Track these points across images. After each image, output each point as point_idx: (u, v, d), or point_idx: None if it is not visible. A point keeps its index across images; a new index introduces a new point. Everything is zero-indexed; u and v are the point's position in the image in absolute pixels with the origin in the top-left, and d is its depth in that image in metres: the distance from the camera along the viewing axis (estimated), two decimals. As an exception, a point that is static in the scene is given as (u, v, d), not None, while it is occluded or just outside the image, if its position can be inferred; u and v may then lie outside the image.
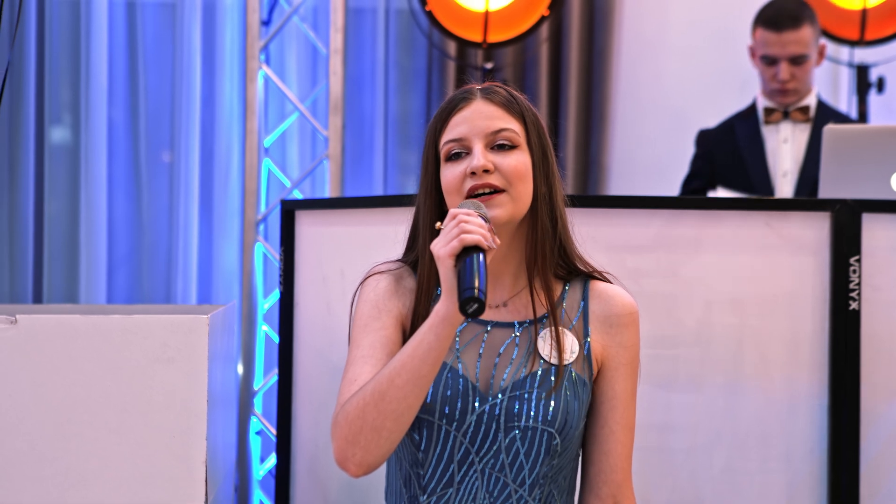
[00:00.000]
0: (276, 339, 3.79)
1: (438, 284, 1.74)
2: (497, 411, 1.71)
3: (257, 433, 3.95)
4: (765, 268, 2.34)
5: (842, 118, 3.67)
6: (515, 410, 1.71)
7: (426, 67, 4.49)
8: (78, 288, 4.24)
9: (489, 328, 1.77)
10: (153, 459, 2.02)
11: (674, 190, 3.85)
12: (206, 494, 2.04)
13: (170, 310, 2.81)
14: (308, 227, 2.75)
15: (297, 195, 4.08)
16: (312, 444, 2.72)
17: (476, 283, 1.53)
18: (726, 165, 3.66)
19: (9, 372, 2.00)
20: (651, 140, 4.50)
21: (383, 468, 1.89)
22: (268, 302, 4.03)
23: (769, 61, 3.56)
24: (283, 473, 2.78)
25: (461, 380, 1.72)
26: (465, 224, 1.60)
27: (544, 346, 1.74)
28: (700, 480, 2.35)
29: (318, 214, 2.73)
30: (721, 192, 3.39)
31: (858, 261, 2.32)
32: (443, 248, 1.59)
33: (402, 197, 2.59)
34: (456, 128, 1.75)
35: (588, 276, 1.83)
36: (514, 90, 1.82)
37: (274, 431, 3.77)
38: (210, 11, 4.35)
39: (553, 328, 1.75)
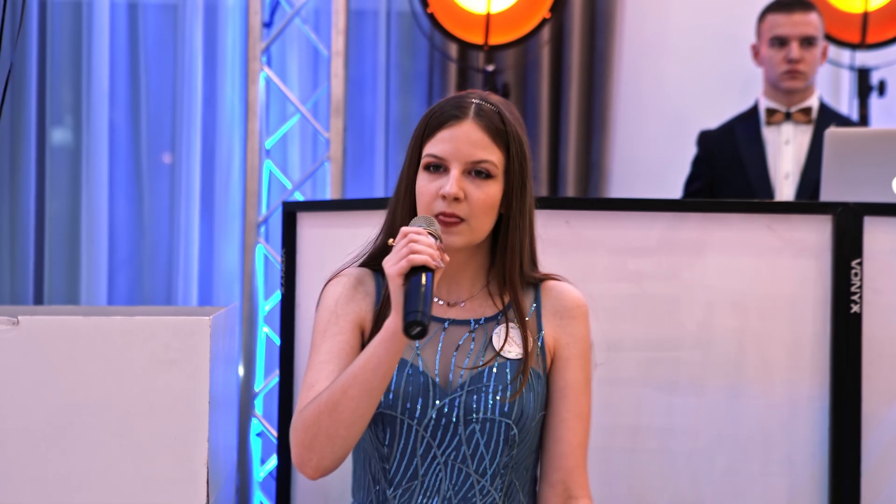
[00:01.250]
0: (277, 340, 3.79)
1: None
2: (456, 405, 1.78)
3: (258, 435, 3.95)
4: (766, 271, 2.35)
5: (843, 121, 3.67)
6: (474, 404, 1.78)
7: (427, 70, 4.49)
8: (79, 289, 4.24)
9: (446, 325, 1.84)
10: (154, 461, 2.02)
11: (675, 193, 3.85)
12: (208, 496, 2.04)
13: (171, 311, 2.81)
14: (309, 228, 2.75)
15: (299, 197, 4.08)
16: (313, 446, 2.71)
17: (419, 307, 1.58)
18: (726, 166, 3.67)
19: (10, 373, 2.00)
20: (652, 143, 4.50)
21: (348, 464, 1.92)
22: (269, 304, 4.03)
23: (780, 42, 3.59)
24: (283, 475, 2.77)
25: (421, 376, 1.79)
26: (413, 244, 1.65)
27: (499, 341, 1.82)
28: (701, 483, 2.35)
29: (320, 216, 2.74)
30: None
31: (860, 264, 2.32)
32: (392, 266, 1.65)
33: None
34: (440, 144, 1.81)
35: (540, 280, 1.90)
36: (507, 110, 1.84)
37: (275, 433, 3.77)
38: (211, 13, 4.35)
39: (520, 321, 1.82)
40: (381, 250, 1.86)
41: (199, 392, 2.03)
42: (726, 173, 3.66)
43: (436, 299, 1.85)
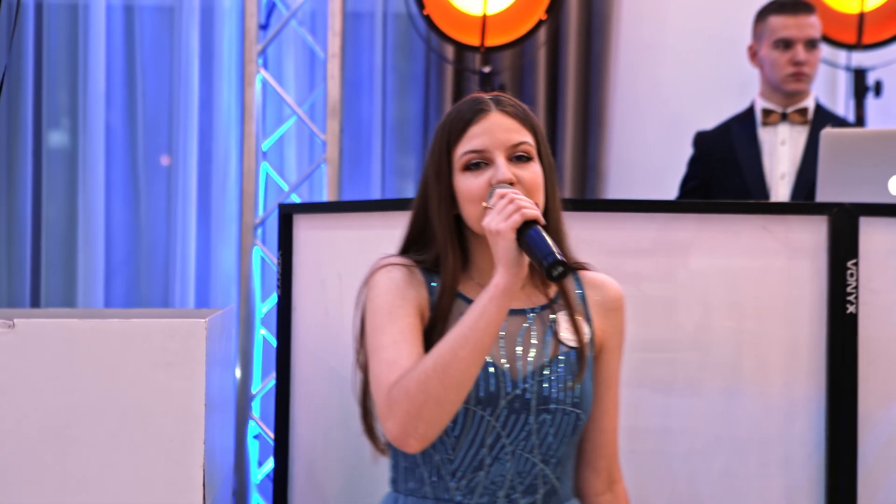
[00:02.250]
0: (273, 342, 3.79)
1: (459, 279, 1.82)
2: (528, 395, 1.78)
3: (255, 437, 3.95)
4: (762, 272, 2.35)
5: (839, 121, 3.68)
6: (545, 394, 1.79)
7: (424, 71, 4.49)
8: (76, 292, 4.24)
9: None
10: (151, 463, 2.02)
11: (672, 194, 3.85)
12: (204, 498, 2.04)
13: (168, 314, 2.81)
14: (306, 230, 2.75)
15: (295, 199, 4.08)
16: (310, 448, 2.72)
17: (553, 249, 1.64)
18: (722, 167, 3.67)
19: (7, 376, 2.00)
20: (649, 144, 4.51)
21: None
22: (266, 306, 4.03)
23: (785, 45, 3.58)
24: (281, 477, 2.77)
25: (490, 366, 1.79)
26: (520, 201, 1.69)
27: (560, 329, 1.84)
28: (699, 485, 2.35)
29: (316, 218, 2.73)
30: None
31: (856, 264, 2.32)
32: (502, 222, 1.67)
33: (400, 201, 2.59)
34: (475, 139, 1.82)
35: (576, 269, 1.93)
36: (518, 101, 1.89)
37: (272, 435, 3.77)
38: (208, 15, 4.35)
39: (569, 312, 1.85)
40: (409, 244, 1.89)
41: (195, 394, 2.03)
42: (722, 174, 3.66)
43: None
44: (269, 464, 3.92)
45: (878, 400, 2.35)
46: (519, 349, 1.82)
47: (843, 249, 2.32)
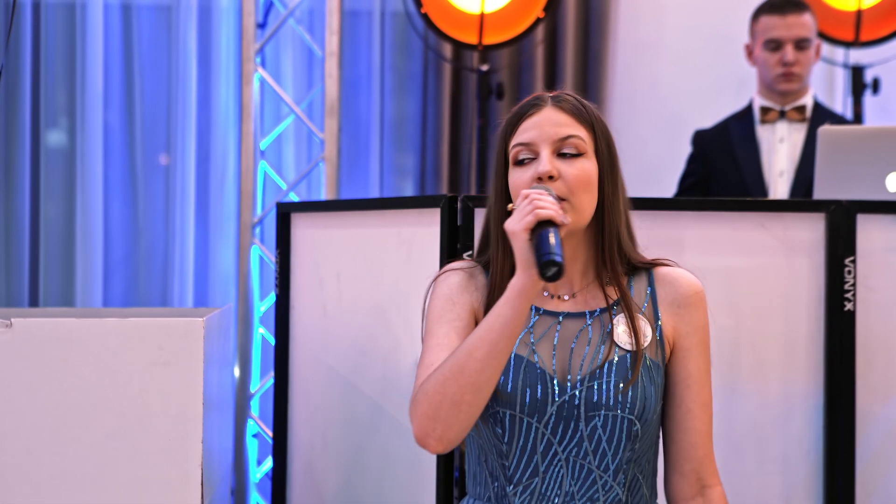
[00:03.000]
0: (272, 341, 3.79)
1: (510, 277, 1.79)
2: (577, 401, 1.75)
3: (254, 436, 3.95)
4: (760, 269, 2.35)
5: (837, 119, 3.68)
6: (594, 399, 1.75)
7: (422, 70, 4.49)
8: (74, 291, 4.24)
9: (561, 319, 1.81)
10: (149, 463, 2.02)
11: (670, 192, 3.85)
12: (202, 498, 2.04)
13: (165, 313, 2.81)
14: (304, 229, 2.75)
15: (293, 198, 4.08)
16: (309, 447, 2.72)
17: (552, 249, 1.61)
18: (720, 165, 3.67)
19: (4, 375, 2.00)
20: (646, 142, 4.51)
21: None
22: (264, 305, 4.03)
23: (774, 45, 3.58)
24: (279, 476, 2.78)
25: (539, 372, 1.76)
26: (538, 201, 1.67)
27: (618, 333, 1.79)
28: (696, 482, 2.35)
29: (314, 217, 2.74)
30: None
31: (853, 261, 2.32)
32: (517, 223, 1.66)
33: (399, 199, 2.60)
34: (525, 133, 1.81)
35: (651, 265, 1.88)
36: (584, 99, 1.86)
37: (271, 434, 3.77)
38: (205, 14, 4.35)
39: (627, 314, 1.80)
40: (493, 243, 1.85)
41: (193, 393, 2.03)
42: (721, 172, 3.66)
43: (546, 294, 1.84)
44: (268, 463, 3.92)
45: (875, 397, 2.35)
46: (572, 354, 1.78)
47: (840, 246, 2.32)
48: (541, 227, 1.65)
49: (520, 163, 1.80)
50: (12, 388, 2.00)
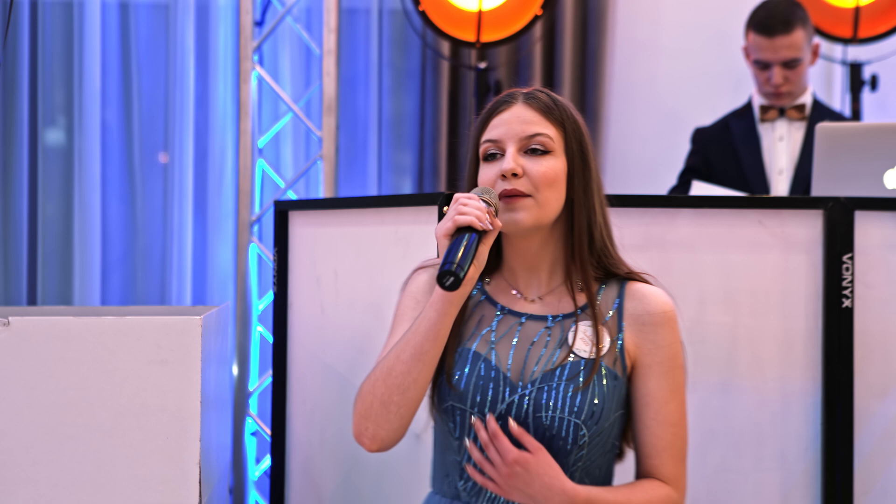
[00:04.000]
0: (270, 339, 3.79)
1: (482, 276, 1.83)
2: (526, 402, 1.76)
3: (253, 434, 3.95)
4: (758, 266, 2.35)
5: (836, 117, 3.67)
6: (543, 401, 1.76)
7: (420, 68, 4.49)
8: (72, 290, 4.24)
9: (523, 320, 1.83)
10: (147, 461, 2.02)
11: (667, 189, 3.85)
12: (200, 496, 2.04)
13: (163, 311, 2.81)
14: (301, 227, 2.75)
15: (291, 196, 4.08)
16: (307, 445, 2.72)
17: (455, 258, 1.63)
18: (722, 163, 3.66)
19: (2, 374, 2.00)
20: (644, 140, 4.51)
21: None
22: (262, 303, 4.03)
23: (762, 66, 3.56)
24: (277, 474, 2.78)
25: (493, 370, 1.78)
26: (461, 206, 1.70)
27: (575, 339, 1.79)
28: (694, 480, 2.35)
29: (312, 215, 2.73)
30: (717, 191, 3.39)
31: (851, 258, 2.32)
32: (439, 228, 1.70)
33: (397, 197, 2.59)
34: (494, 129, 1.82)
35: (626, 277, 1.87)
36: (558, 96, 1.86)
37: (269, 432, 3.77)
38: (203, 12, 4.35)
39: (593, 322, 1.80)
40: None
41: (191, 391, 2.03)
42: (722, 169, 3.65)
43: (514, 293, 1.85)
44: (267, 461, 3.92)
45: (873, 393, 2.35)
46: (528, 355, 1.79)
47: (838, 243, 2.32)
48: (459, 233, 1.67)
49: (488, 159, 1.82)
50: (10, 387, 2.00)
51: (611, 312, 1.83)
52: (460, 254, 1.63)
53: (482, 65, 3.95)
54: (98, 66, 4.24)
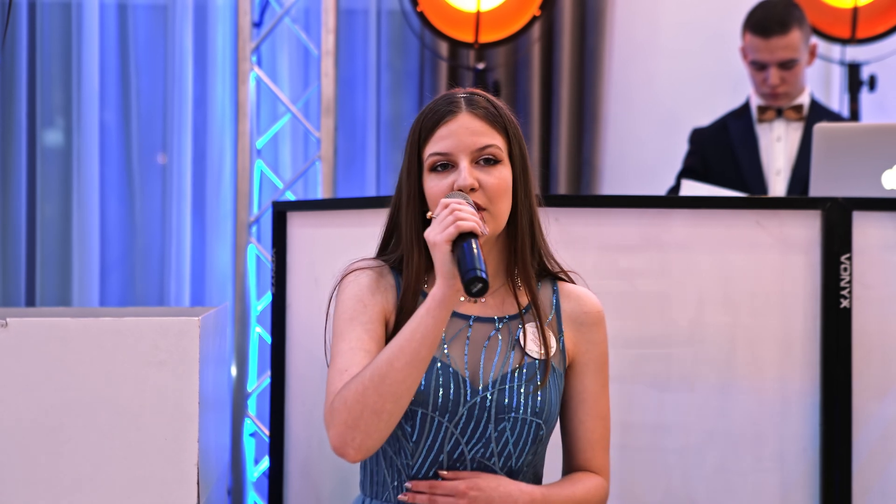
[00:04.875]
0: (269, 340, 3.79)
1: (426, 282, 1.84)
2: (488, 403, 1.79)
3: (251, 435, 3.95)
4: (756, 266, 2.35)
5: (834, 117, 3.67)
6: (505, 402, 1.79)
7: (418, 68, 4.49)
8: (71, 291, 4.24)
9: (471, 322, 1.84)
10: (145, 462, 2.02)
11: (664, 190, 3.85)
12: (199, 497, 2.04)
13: (161, 312, 2.80)
14: (300, 228, 2.75)
15: (290, 196, 4.08)
16: (306, 446, 2.72)
17: (476, 265, 1.64)
18: (720, 163, 3.66)
19: (0, 375, 2.00)
20: (643, 141, 4.51)
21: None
22: (261, 304, 4.03)
23: (758, 66, 3.56)
24: (276, 475, 2.77)
25: (452, 372, 1.79)
26: (459, 212, 1.69)
27: (527, 340, 1.83)
28: (693, 480, 2.35)
29: (310, 216, 2.73)
30: (714, 191, 3.39)
31: (849, 259, 2.32)
32: (439, 234, 1.68)
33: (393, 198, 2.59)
34: (441, 141, 1.81)
35: (555, 276, 1.92)
36: (495, 99, 1.87)
37: (268, 433, 3.77)
38: (201, 13, 4.35)
39: (538, 323, 1.84)
40: (406, 244, 1.86)
41: (189, 392, 2.03)
42: (720, 170, 3.65)
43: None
44: (265, 462, 3.92)
45: (871, 394, 2.35)
46: (483, 357, 1.82)
47: (836, 244, 2.32)
48: (462, 239, 1.67)
49: (436, 169, 1.82)
50: (8, 388, 2.00)
51: (551, 313, 1.88)
52: (477, 259, 1.65)
53: (481, 65, 3.95)
54: (96, 67, 4.24)
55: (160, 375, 2.02)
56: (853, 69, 3.98)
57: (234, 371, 3.94)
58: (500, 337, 1.83)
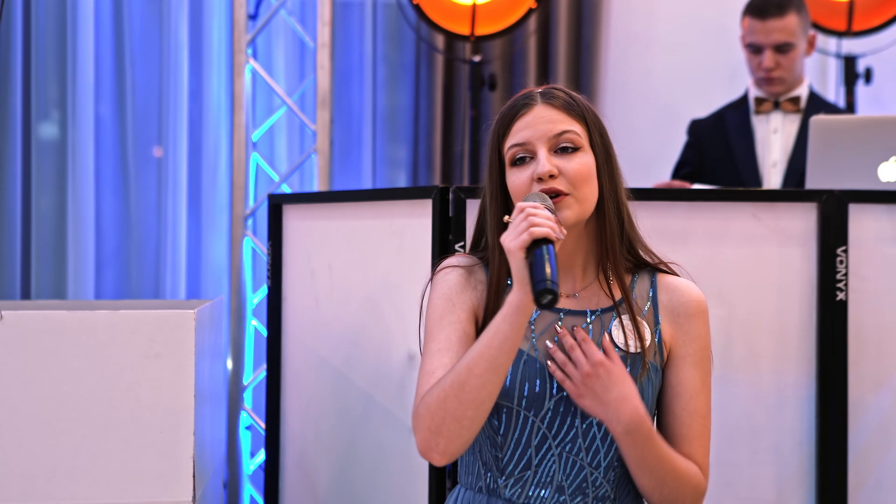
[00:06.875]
0: (265, 333, 3.79)
1: (509, 277, 1.79)
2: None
3: (247, 428, 3.95)
4: (752, 259, 2.35)
5: (832, 109, 3.67)
6: None
7: (414, 61, 4.49)
8: (66, 284, 4.23)
9: (562, 316, 1.81)
10: (140, 455, 2.02)
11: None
12: (194, 490, 2.04)
13: (157, 305, 2.80)
14: (295, 221, 2.74)
15: (286, 189, 4.07)
16: (301, 439, 2.72)
17: (548, 275, 1.61)
18: (715, 155, 3.66)
19: (-5, 368, 2.00)
20: (639, 134, 4.50)
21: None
22: (257, 297, 4.03)
23: (754, 49, 3.56)
24: (272, 468, 2.78)
25: (538, 366, 1.77)
26: (533, 217, 1.66)
27: (618, 334, 1.80)
28: (689, 472, 2.35)
29: (306, 208, 2.73)
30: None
31: (845, 251, 2.32)
32: (513, 241, 1.66)
33: (391, 191, 2.60)
34: (519, 133, 1.80)
35: (655, 267, 1.88)
36: (574, 92, 1.86)
37: (264, 426, 3.77)
38: (197, 5, 4.34)
39: (631, 316, 1.80)
40: (490, 244, 1.84)
41: (184, 385, 2.03)
42: (716, 162, 3.66)
43: None
44: (261, 455, 3.92)
45: (867, 386, 2.35)
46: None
47: (832, 236, 2.32)
48: (536, 246, 1.64)
49: (517, 163, 1.80)
50: (4, 381, 2.00)
51: (647, 305, 1.84)
52: (549, 269, 1.61)
53: (477, 58, 3.95)
54: (91, 59, 4.23)
55: (156, 368, 2.02)
56: (849, 62, 3.98)
57: (229, 364, 3.94)
58: (590, 329, 1.80)
